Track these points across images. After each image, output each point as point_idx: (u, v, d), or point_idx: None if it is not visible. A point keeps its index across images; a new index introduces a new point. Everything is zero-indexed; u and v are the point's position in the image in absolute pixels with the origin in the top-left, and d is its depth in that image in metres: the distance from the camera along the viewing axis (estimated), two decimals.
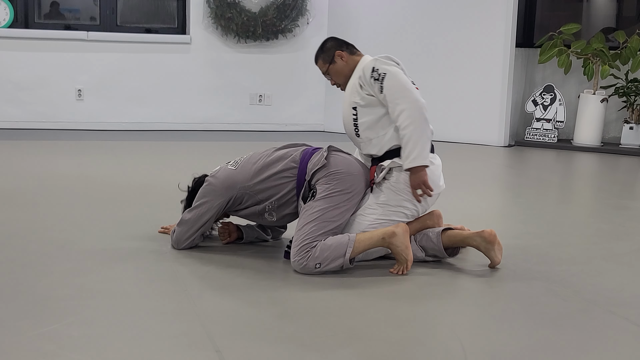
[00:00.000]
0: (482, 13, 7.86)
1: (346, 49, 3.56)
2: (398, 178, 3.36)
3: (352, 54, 3.57)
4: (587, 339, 2.64)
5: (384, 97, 3.33)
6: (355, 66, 3.53)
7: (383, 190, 3.37)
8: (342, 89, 3.60)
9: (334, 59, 3.54)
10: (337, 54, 3.54)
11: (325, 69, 3.58)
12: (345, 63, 3.54)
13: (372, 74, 3.35)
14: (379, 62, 3.37)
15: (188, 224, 3.48)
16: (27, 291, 2.93)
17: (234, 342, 2.50)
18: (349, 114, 3.46)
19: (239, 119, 8.70)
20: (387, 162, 3.38)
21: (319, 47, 3.62)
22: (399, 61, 3.44)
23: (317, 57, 3.61)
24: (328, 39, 3.64)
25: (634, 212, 4.92)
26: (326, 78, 3.65)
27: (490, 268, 3.42)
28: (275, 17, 8.40)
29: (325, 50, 3.57)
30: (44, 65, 8.05)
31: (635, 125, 7.78)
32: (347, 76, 3.54)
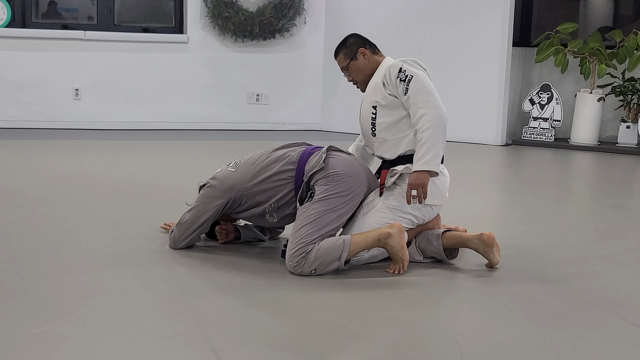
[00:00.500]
0: (479, 12, 7.86)
1: (369, 48, 3.53)
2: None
3: (374, 54, 3.54)
4: (583, 338, 2.65)
5: (406, 99, 3.31)
6: (376, 66, 3.51)
7: (395, 195, 3.36)
8: (359, 87, 3.56)
9: (356, 56, 3.50)
10: (360, 51, 3.50)
11: (345, 64, 3.52)
12: (367, 61, 3.51)
13: (399, 75, 3.33)
14: (406, 63, 3.35)
15: (186, 225, 3.48)
16: (23, 291, 2.93)
17: (230, 342, 2.50)
18: (368, 112, 3.44)
19: (237, 118, 8.69)
20: (400, 167, 3.36)
21: (341, 42, 3.56)
22: (425, 67, 3.43)
23: (337, 52, 3.56)
24: (351, 35, 3.58)
25: (631, 211, 4.92)
26: (344, 74, 3.59)
27: (487, 267, 3.42)
28: (272, 16, 8.40)
29: (348, 46, 3.53)
30: (41, 64, 8.04)
31: (632, 124, 7.78)
32: (366, 75, 3.51)
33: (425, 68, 3.42)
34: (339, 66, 3.58)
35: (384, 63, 3.49)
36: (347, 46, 3.53)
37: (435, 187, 3.38)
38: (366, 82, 3.53)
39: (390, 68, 3.37)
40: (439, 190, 3.41)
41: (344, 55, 3.53)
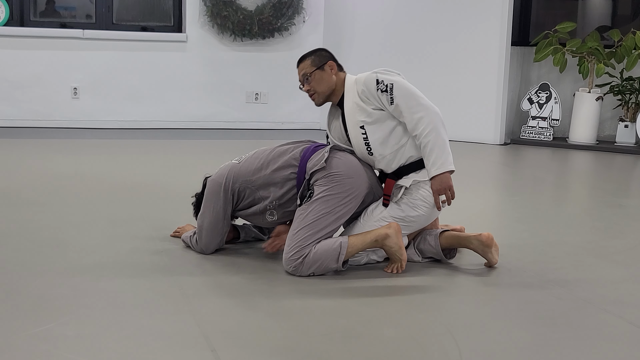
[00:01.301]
0: (478, 12, 7.86)
1: (337, 65, 3.46)
2: (416, 194, 3.33)
3: (340, 71, 3.47)
4: (581, 338, 2.65)
5: (395, 107, 3.27)
6: (339, 84, 3.43)
7: (400, 206, 3.33)
8: (316, 98, 3.45)
9: (324, 67, 3.42)
10: (329, 64, 3.42)
11: (311, 71, 3.41)
12: (332, 75, 3.42)
13: (378, 86, 3.28)
14: (380, 73, 3.32)
15: (208, 228, 3.43)
16: (21, 290, 2.93)
17: (229, 342, 2.50)
18: (358, 134, 3.36)
19: (235, 117, 8.69)
20: (407, 181, 3.33)
21: (310, 51, 3.49)
22: (399, 72, 3.39)
23: (304, 58, 3.46)
24: (324, 49, 3.52)
25: (629, 210, 4.93)
26: (302, 81, 3.45)
27: (485, 267, 3.43)
28: (271, 15, 8.40)
29: (318, 55, 3.45)
30: (39, 63, 8.03)
31: (630, 124, 7.79)
32: (328, 87, 3.41)
33: (398, 73, 3.37)
34: (299, 73, 3.45)
35: (348, 80, 3.43)
36: (317, 55, 3.44)
37: None
38: (325, 95, 3.43)
39: (365, 83, 3.31)
40: None
41: (312, 62, 3.42)
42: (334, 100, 3.48)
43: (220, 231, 3.45)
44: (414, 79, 8.73)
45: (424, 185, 3.32)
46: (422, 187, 3.32)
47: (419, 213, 3.33)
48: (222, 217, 3.41)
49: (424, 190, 3.32)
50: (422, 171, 3.34)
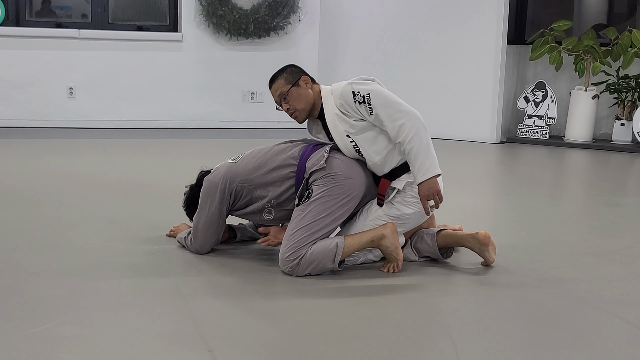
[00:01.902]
0: (474, 10, 7.86)
1: (310, 78, 3.42)
2: (410, 192, 3.33)
3: (314, 83, 3.42)
4: (578, 337, 2.65)
5: (374, 117, 3.24)
6: (316, 97, 3.39)
7: (395, 205, 3.34)
8: (298, 116, 3.41)
9: (299, 82, 3.37)
10: (302, 79, 3.38)
11: (286, 90, 3.36)
12: (308, 90, 3.38)
13: (355, 98, 3.23)
14: (355, 84, 3.26)
15: (203, 229, 3.43)
16: (18, 291, 2.92)
17: (225, 341, 2.50)
18: (347, 142, 3.32)
19: (231, 116, 8.69)
20: (400, 183, 3.33)
21: (279, 70, 3.42)
22: (373, 78, 3.33)
23: (275, 78, 3.40)
24: (290, 65, 3.46)
25: (625, 208, 4.94)
26: (279, 102, 3.40)
27: (482, 266, 3.43)
28: (267, 14, 8.39)
29: (289, 72, 3.39)
30: (35, 63, 8.01)
31: (626, 122, 7.79)
32: (307, 103, 3.37)
33: (373, 79, 3.32)
34: (274, 94, 3.40)
35: (324, 91, 3.38)
36: (289, 72, 3.39)
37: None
38: (306, 110, 3.40)
39: (342, 96, 3.26)
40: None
41: (285, 80, 3.37)
42: (314, 115, 3.44)
43: (216, 231, 3.44)
44: (410, 77, 8.75)
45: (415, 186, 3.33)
46: (416, 186, 3.32)
47: (413, 210, 3.34)
48: (217, 218, 3.41)
49: (416, 188, 3.33)
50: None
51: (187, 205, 3.61)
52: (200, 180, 3.54)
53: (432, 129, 3.50)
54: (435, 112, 8.03)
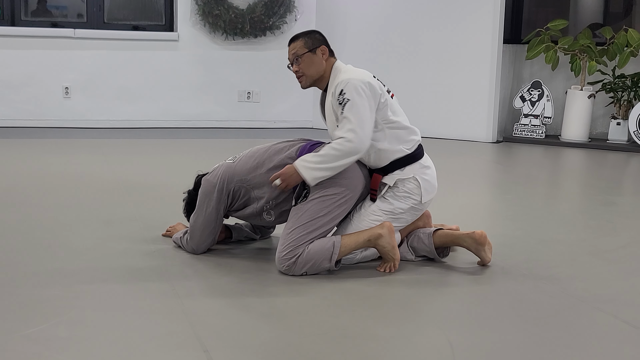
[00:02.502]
0: (470, 9, 7.86)
1: (329, 49, 3.42)
2: (402, 188, 3.34)
3: (330, 56, 3.42)
4: (574, 336, 2.65)
5: (340, 119, 3.23)
6: (328, 69, 3.39)
7: (387, 198, 3.35)
8: (303, 81, 3.41)
9: (317, 50, 3.38)
10: (321, 48, 3.38)
11: (302, 52, 3.36)
12: (322, 60, 3.38)
13: (339, 97, 3.23)
14: (350, 85, 3.23)
15: (200, 229, 3.42)
16: (13, 291, 2.92)
17: (222, 342, 2.49)
18: (335, 131, 3.32)
19: (228, 116, 8.68)
20: (390, 180, 3.33)
21: (304, 31, 3.45)
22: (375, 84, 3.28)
23: (297, 37, 3.41)
24: (317, 31, 3.47)
25: (622, 208, 4.94)
26: (292, 61, 3.41)
27: (479, 265, 3.43)
28: (263, 14, 8.38)
29: (311, 37, 3.40)
30: (30, 63, 8.00)
31: (622, 121, 7.80)
32: (317, 72, 3.38)
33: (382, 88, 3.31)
34: (289, 52, 3.40)
35: (335, 70, 3.38)
36: (311, 37, 3.39)
37: (428, 183, 3.39)
38: (313, 78, 3.40)
39: (337, 86, 3.26)
40: (431, 185, 3.41)
41: (305, 44, 3.38)
42: (321, 87, 3.46)
43: (213, 231, 3.44)
44: (407, 77, 8.74)
45: (409, 180, 3.34)
46: (407, 182, 3.33)
47: (407, 205, 3.35)
48: (214, 218, 3.40)
49: (409, 184, 3.34)
50: (406, 169, 3.35)
51: (187, 210, 3.60)
52: (197, 185, 3.54)
53: (428, 129, 3.52)
54: (432, 112, 8.03)
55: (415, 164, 3.37)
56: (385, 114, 3.32)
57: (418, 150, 3.40)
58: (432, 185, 3.42)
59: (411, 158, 3.36)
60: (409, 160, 3.35)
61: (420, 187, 3.35)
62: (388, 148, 3.32)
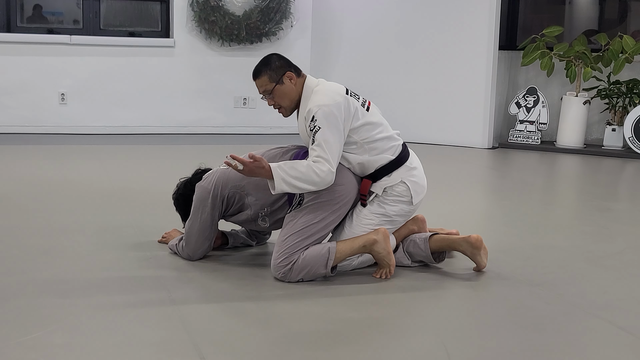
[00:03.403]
0: (466, 16, 7.88)
1: (294, 71, 3.33)
2: (391, 193, 3.33)
3: (299, 77, 3.33)
4: (571, 343, 2.66)
5: (310, 144, 3.20)
6: (301, 89, 3.32)
7: (378, 202, 3.34)
8: (283, 112, 3.38)
9: (283, 80, 3.29)
10: (287, 75, 3.29)
11: (270, 88, 3.29)
12: (293, 86, 3.30)
13: (310, 124, 3.18)
14: (321, 113, 3.17)
15: (195, 235, 3.42)
16: (9, 298, 2.91)
17: (218, 349, 2.49)
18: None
19: (224, 122, 8.68)
20: (379, 188, 3.34)
21: (263, 62, 3.31)
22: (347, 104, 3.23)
23: (259, 72, 3.31)
24: (273, 56, 3.35)
25: (617, 214, 4.95)
26: (264, 97, 3.35)
27: (474, 271, 3.43)
28: (259, 20, 8.39)
29: (273, 68, 3.28)
30: (26, 69, 7.99)
31: (617, 127, 7.82)
32: (293, 100, 3.32)
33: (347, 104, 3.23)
34: (258, 89, 3.32)
35: (307, 88, 3.31)
36: (273, 68, 3.28)
37: (416, 184, 3.38)
38: (291, 107, 3.35)
39: (309, 112, 3.20)
40: (420, 186, 3.40)
41: (270, 78, 3.28)
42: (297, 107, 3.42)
43: (209, 237, 3.44)
44: (402, 83, 8.74)
45: (397, 185, 3.34)
46: (396, 186, 3.34)
47: (398, 207, 3.35)
48: (210, 224, 3.40)
49: (398, 187, 3.33)
50: (393, 174, 3.35)
51: (177, 198, 3.60)
52: (195, 177, 3.54)
53: (423, 134, 3.53)
54: (427, 118, 8.04)
55: (402, 168, 3.36)
56: (363, 135, 3.29)
57: (403, 154, 3.38)
58: (421, 185, 3.42)
59: (396, 163, 3.35)
60: (394, 166, 3.35)
61: (410, 189, 3.35)
62: (370, 159, 3.32)
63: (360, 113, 3.30)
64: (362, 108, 3.33)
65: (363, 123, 3.29)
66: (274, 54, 3.39)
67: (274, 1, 8.40)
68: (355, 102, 3.31)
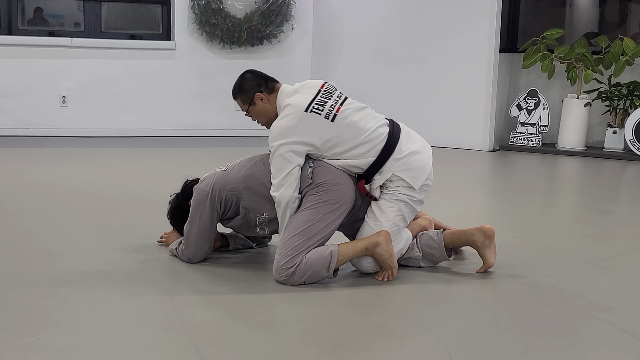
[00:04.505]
0: (466, 18, 7.88)
1: (265, 89, 3.42)
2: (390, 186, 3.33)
3: (271, 92, 3.43)
4: (572, 344, 2.65)
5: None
6: (273, 109, 3.42)
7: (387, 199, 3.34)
8: (266, 126, 3.48)
9: (254, 101, 3.42)
10: (256, 97, 3.41)
11: (245, 109, 3.46)
12: (266, 104, 3.42)
13: (269, 149, 3.32)
14: (275, 132, 3.29)
15: (194, 238, 3.42)
16: (10, 301, 2.91)
17: (220, 352, 2.49)
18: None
19: (225, 124, 8.68)
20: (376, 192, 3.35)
21: (237, 84, 3.47)
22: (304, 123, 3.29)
23: (235, 95, 3.49)
24: (246, 75, 3.48)
25: (618, 216, 4.94)
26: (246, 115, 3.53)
27: (479, 272, 3.42)
28: (260, 22, 8.39)
29: (244, 91, 3.44)
30: (27, 71, 7.99)
31: (618, 129, 7.82)
32: (269, 116, 3.43)
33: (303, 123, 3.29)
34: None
35: (278, 103, 3.40)
36: (243, 91, 3.44)
37: (411, 171, 3.33)
38: (270, 122, 3.43)
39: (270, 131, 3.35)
40: (416, 170, 3.35)
41: (242, 101, 3.45)
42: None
43: (208, 239, 3.44)
44: (403, 85, 8.74)
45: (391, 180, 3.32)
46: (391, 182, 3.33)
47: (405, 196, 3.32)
48: (209, 226, 3.41)
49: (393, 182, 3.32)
50: (383, 171, 3.33)
51: (172, 214, 3.62)
52: (185, 190, 3.55)
53: (424, 137, 3.50)
54: (428, 120, 8.03)
55: (390, 161, 3.33)
56: (332, 150, 3.33)
57: (388, 145, 3.34)
58: (418, 168, 3.36)
59: (382, 159, 3.33)
60: (381, 162, 3.33)
61: (405, 180, 3.32)
62: (351, 162, 3.33)
63: (322, 129, 3.30)
64: (327, 121, 3.31)
65: (327, 139, 3.31)
66: (247, 73, 3.51)
67: (275, 4, 8.40)
68: (316, 119, 3.31)
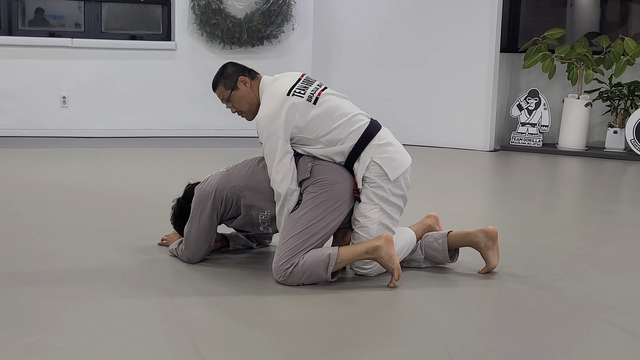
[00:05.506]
0: (467, 18, 7.88)
1: (248, 75, 3.43)
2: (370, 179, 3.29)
3: (253, 79, 3.44)
4: (573, 345, 2.65)
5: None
6: (256, 96, 3.43)
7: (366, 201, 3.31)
8: (246, 117, 3.50)
9: (237, 85, 3.41)
10: (240, 80, 3.41)
11: (227, 95, 3.42)
12: (249, 89, 3.42)
13: (258, 134, 3.33)
14: (261, 127, 3.32)
15: (194, 238, 3.43)
16: (10, 301, 2.91)
17: (219, 351, 2.49)
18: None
19: (225, 125, 8.67)
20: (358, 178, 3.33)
21: (218, 72, 3.46)
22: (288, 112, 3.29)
23: (216, 83, 3.45)
24: (227, 65, 3.48)
25: (619, 216, 4.94)
26: (226, 106, 3.50)
27: (481, 273, 3.41)
28: (260, 23, 8.39)
29: (226, 76, 3.42)
30: (28, 72, 7.99)
31: (619, 130, 7.81)
32: (251, 103, 3.43)
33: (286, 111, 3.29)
34: (219, 98, 3.48)
35: (261, 92, 3.41)
36: (226, 76, 3.42)
37: (389, 160, 3.30)
38: (252, 111, 3.45)
39: (256, 122, 3.37)
40: (394, 160, 3.32)
41: (224, 86, 3.43)
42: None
43: (208, 239, 3.44)
44: (404, 85, 8.74)
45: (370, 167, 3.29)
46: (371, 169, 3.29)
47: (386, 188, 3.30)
48: (209, 226, 3.41)
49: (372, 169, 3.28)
50: (362, 157, 3.31)
51: (176, 218, 3.62)
52: (187, 193, 3.55)
53: (425, 137, 3.52)
54: (429, 120, 8.03)
55: (370, 146, 3.31)
56: (315, 130, 3.32)
57: (368, 131, 3.33)
58: (397, 159, 3.33)
59: (362, 143, 3.31)
60: (361, 147, 3.31)
61: (382, 167, 3.29)
62: (333, 149, 3.32)
63: (305, 111, 3.31)
64: (309, 103, 3.33)
65: (311, 119, 3.31)
66: (229, 63, 3.52)
67: (275, 4, 8.40)
68: (298, 101, 3.31)
